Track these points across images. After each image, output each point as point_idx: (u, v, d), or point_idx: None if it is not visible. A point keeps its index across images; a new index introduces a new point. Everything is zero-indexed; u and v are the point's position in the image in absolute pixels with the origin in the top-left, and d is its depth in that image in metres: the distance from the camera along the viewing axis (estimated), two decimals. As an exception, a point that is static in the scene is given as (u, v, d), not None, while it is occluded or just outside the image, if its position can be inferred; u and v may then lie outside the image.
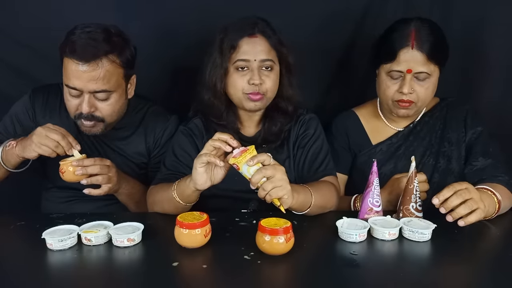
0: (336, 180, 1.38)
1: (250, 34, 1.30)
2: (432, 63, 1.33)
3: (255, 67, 1.29)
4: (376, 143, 1.49)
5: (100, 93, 1.30)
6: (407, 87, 1.33)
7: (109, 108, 1.34)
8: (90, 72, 1.27)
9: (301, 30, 1.67)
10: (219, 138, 1.10)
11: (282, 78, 1.36)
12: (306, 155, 1.38)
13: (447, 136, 1.45)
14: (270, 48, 1.31)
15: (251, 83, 1.28)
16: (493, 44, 1.68)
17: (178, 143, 1.40)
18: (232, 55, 1.30)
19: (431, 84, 1.35)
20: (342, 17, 1.68)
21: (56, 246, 1.06)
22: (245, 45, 1.29)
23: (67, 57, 1.28)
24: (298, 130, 1.41)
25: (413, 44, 1.31)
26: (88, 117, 1.33)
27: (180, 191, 1.20)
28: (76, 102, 1.32)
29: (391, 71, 1.35)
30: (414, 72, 1.32)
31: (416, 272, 0.99)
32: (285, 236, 1.00)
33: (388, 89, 1.37)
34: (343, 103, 1.67)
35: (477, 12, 1.66)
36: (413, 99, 1.35)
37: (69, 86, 1.30)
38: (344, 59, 1.74)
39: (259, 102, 1.31)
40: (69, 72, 1.28)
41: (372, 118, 1.53)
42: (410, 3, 1.65)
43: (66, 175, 1.25)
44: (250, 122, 1.42)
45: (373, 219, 1.18)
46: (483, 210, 1.10)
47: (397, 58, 1.33)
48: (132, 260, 1.04)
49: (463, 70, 1.70)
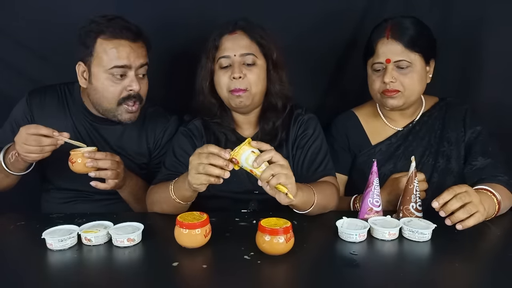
0: (336, 180, 1.38)
1: (230, 31, 1.33)
2: (412, 52, 1.35)
3: (236, 62, 1.30)
4: (375, 143, 1.49)
5: (143, 67, 1.37)
6: (388, 76, 1.35)
7: (146, 87, 1.41)
8: (139, 48, 1.34)
9: (301, 30, 1.67)
10: (210, 152, 1.06)
11: (269, 74, 1.37)
12: (305, 155, 1.38)
13: (446, 135, 1.45)
14: (250, 42, 1.33)
15: (232, 78, 1.29)
16: (492, 43, 1.68)
17: (178, 144, 1.40)
18: (216, 54, 1.33)
19: (415, 73, 1.36)
20: (342, 17, 1.68)
21: (56, 246, 1.06)
22: (225, 42, 1.32)
23: (114, 39, 1.31)
24: (297, 130, 1.41)
25: (388, 35, 1.35)
26: (136, 96, 1.36)
27: (177, 190, 1.20)
28: (120, 87, 1.34)
29: (373, 64, 1.39)
30: (393, 61, 1.35)
31: (416, 272, 0.99)
32: (285, 236, 1.00)
33: (374, 82, 1.40)
34: (343, 103, 1.67)
35: (477, 12, 1.66)
36: (397, 87, 1.36)
37: (118, 66, 1.31)
38: (343, 59, 1.74)
39: (244, 98, 1.31)
40: (118, 52, 1.31)
41: (371, 118, 1.53)
42: (410, 3, 1.65)
43: (76, 166, 1.24)
44: (247, 124, 1.42)
45: (373, 219, 1.18)
46: (482, 214, 1.10)
47: (376, 50, 1.37)
48: (132, 260, 1.04)
49: (463, 69, 1.71)
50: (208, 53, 1.34)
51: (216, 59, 1.33)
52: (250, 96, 1.32)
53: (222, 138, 1.39)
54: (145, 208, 1.37)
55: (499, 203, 1.21)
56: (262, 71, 1.34)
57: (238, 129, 1.42)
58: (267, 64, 1.36)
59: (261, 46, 1.34)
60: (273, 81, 1.37)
